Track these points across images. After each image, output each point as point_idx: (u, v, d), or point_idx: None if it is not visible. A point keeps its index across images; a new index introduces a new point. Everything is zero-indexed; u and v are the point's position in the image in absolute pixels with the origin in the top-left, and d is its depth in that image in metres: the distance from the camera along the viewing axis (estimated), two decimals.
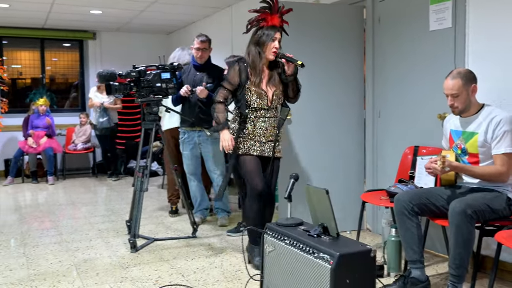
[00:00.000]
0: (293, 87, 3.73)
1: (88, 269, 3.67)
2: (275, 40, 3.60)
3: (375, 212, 4.62)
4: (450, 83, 3.05)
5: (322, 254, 2.46)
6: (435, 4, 3.88)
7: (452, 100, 3.07)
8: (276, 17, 3.67)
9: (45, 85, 9.01)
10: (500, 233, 2.76)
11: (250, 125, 3.66)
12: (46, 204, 6.13)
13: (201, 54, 4.80)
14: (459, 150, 3.16)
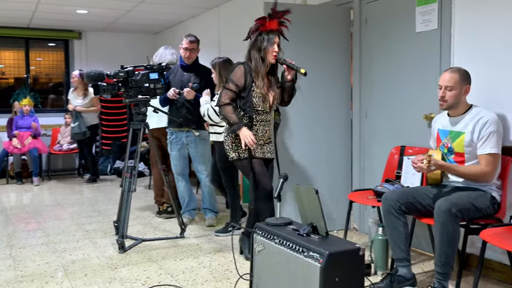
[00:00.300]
0: (289, 91, 3.79)
1: (76, 270, 3.66)
2: (275, 44, 3.64)
3: (361, 211, 4.67)
4: (447, 76, 3.11)
5: (312, 253, 2.48)
6: (421, 6, 3.93)
7: (444, 92, 3.11)
8: (274, 21, 3.71)
9: (29, 85, 8.92)
10: (485, 231, 2.81)
11: (253, 130, 3.69)
12: (32, 205, 6.07)
13: (189, 54, 4.80)
14: (445, 149, 3.21)
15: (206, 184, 4.91)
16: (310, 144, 4.58)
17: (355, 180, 4.69)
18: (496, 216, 3.09)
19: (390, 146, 4.20)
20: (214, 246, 4.23)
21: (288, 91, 3.79)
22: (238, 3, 6.60)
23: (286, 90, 3.79)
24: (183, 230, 4.50)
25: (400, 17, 4.14)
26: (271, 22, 3.70)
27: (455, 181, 3.20)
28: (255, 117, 3.69)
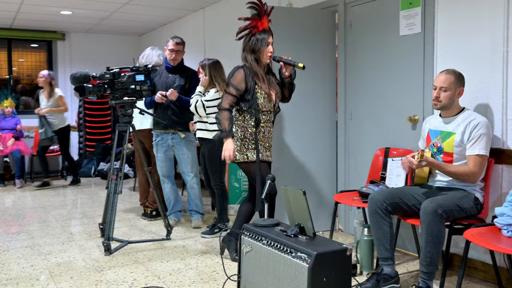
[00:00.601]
0: (289, 87, 3.81)
1: (62, 272, 3.63)
2: (269, 44, 3.65)
3: (346, 212, 4.72)
4: (443, 77, 3.17)
5: (300, 253, 2.51)
6: (405, 10, 3.99)
7: (439, 93, 3.17)
8: (265, 19, 3.70)
9: (11, 86, 8.83)
10: (468, 231, 2.87)
11: (261, 130, 3.67)
12: (15, 208, 6.01)
13: (174, 56, 4.81)
14: (435, 149, 3.26)
15: (193, 186, 4.91)
16: (295, 145, 4.61)
17: (340, 181, 4.74)
18: (479, 217, 3.15)
19: (375, 147, 4.26)
20: (200, 247, 4.24)
21: (288, 87, 3.81)
22: (224, 5, 6.62)
23: (286, 87, 3.81)
24: (169, 232, 4.50)
25: (384, 20, 4.19)
26: (263, 21, 3.69)
27: (440, 181, 3.26)
28: (261, 117, 3.65)
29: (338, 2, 4.65)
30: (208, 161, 4.56)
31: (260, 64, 3.66)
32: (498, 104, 3.32)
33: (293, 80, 3.80)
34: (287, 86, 3.81)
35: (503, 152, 3.28)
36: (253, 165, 3.62)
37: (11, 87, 8.85)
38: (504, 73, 3.27)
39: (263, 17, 3.68)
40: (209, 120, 4.49)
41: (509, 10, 3.22)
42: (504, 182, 3.30)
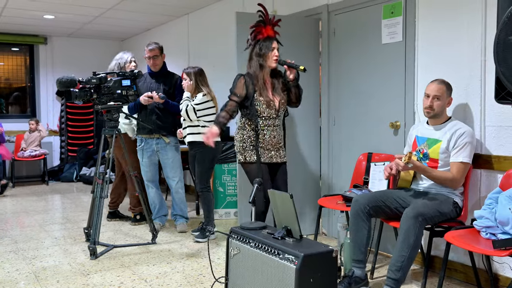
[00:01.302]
0: (295, 91, 3.89)
1: (48, 276, 3.63)
2: (274, 49, 3.79)
3: (330, 216, 4.80)
4: (436, 86, 3.28)
5: (287, 255, 2.57)
6: (387, 19, 4.11)
7: (432, 101, 3.28)
8: (269, 28, 3.87)
9: None
10: (449, 233, 2.97)
11: (261, 134, 3.79)
12: None
13: (153, 61, 4.85)
14: (421, 154, 3.37)
15: (178, 191, 4.94)
16: None
17: (324, 186, 4.82)
18: (459, 219, 3.25)
19: (358, 152, 4.35)
20: (186, 251, 4.28)
21: (294, 91, 3.90)
22: (208, 12, 6.69)
23: (292, 91, 3.90)
24: (155, 236, 4.52)
25: (367, 29, 4.30)
26: (267, 29, 3.84)
27: (423, 185, 3.37)
28: (262, 122, 3.79)
29: (321, 10, 4.75)
30: (197, 164, 4.61)
31: (264, 69, 3.78)
32: (477, 111, 3.44)
33: (297, 83, 3.88)
34: (293, 90, 3.90)
35: (481, 157, 3.40)
36: (250, 166, 3.78)
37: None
38: (482, 81, 3.39)
39: (268, 25, 3.85)
40: (200, 123, 4.55)
41: (487, 21, 3.35)
42: (482, 186, 3.42)
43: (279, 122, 3.89)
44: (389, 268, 3.04)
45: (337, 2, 4.56)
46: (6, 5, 6.51)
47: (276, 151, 3.86)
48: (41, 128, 8.33)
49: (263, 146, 3.80)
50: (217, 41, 6.49)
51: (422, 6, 3.81)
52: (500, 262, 3.32)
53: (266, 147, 3.82)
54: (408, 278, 3.62)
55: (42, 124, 8.68)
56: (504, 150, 3.30)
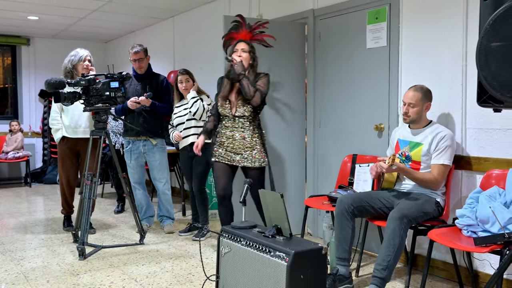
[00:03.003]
0: (241, 89, 3.81)
1: (37, 277, 3.65)
2: (237, 50, 3.88)
3: (315, 216, 4.89)
4: (411, 94, 3.39)
5: (278, 252, 2.65)
6: (371, 24, 4.22)
7: (407, 109, 3.40)
8: (244, 33, 4.01)
9: None
10: (432, 231, 3.08)
11: (220, 134, 3.92)
12: None
13: (138, 64, 4.88)
14: (403, 157, 3.48)
15: (165, 192, 4.98)
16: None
17: (309, 186, 4.92)
18: (441, 218, 3.37)
19: (343, 154, 4.46)
20: (174, 251, 4.32)
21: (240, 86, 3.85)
22: (194, 14, 6.74)
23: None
24: (143, 236, 4.56)
25: (352, 34, 4.41)
26: (240, 34, 3.98)
27: (406, 186, 3.48)
28: (224, 122, 3.93)
29: (307, 14, 4.85)
30: (198, 165, 4.67)
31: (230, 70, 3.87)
32: (458, 114, 3.57)
33: (232, 76, 3.85)
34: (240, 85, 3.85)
35: (462, 159, 3.53)
36: (214, 164, 3.99)
37: None
38: (464, 85, 3.53)
39: (243, 31, 3.97)
40: (199, 124, 4.68)
41: (468, 27, 3.48)
42: (463, 187, 3.55)
43: (244, 124, 3.87)
44: (375, 267, 3.13)
45: (322, 7, 4.67)
46: None
47: (235, 154, 3.88)
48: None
49: (223, 146, 3.92)
50: (203, 43, 6.54)
51: (406, 12, 3.94)
52: (481, 259, 3.44)
53: (226, 148, 3.91)
54: (392, 276, 3.71)
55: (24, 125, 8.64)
56: (484, 151, 3.43)
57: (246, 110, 3.86)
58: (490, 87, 2.21)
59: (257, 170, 3.89)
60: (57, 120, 4.85)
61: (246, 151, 3.87)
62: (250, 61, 3.90)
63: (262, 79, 3.89)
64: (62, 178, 4.88)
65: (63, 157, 4.84)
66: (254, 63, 3.94)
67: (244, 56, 3.86)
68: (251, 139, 3.88)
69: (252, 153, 3.86)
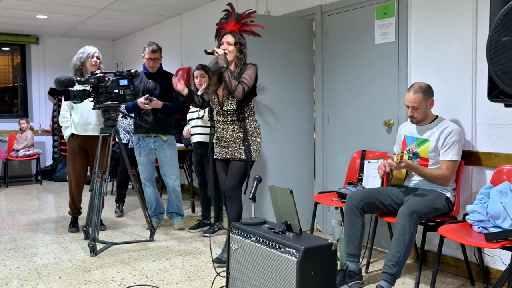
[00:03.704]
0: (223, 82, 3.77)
1: (49, 273, 3.69)
2: (224, 43, 3.82)
3: (324, 213, 4.90)
4: (412, 97, 3.36)
5: (288, 248, 2.65)
6: (380, 19, 4.21)
7: (412, 111, 3.39)
8: (233, 23, 3.89)
9: None
10: (442, 227, 3.08)
11: (216, 128, 3.92)
12: None
13: (153, 63, 4.88)
14: (410, 154, 3.47)
15: (175, 189, 5.00)
16: (274, 148, 4.77)
17: (318, 183, 4.92)
18: (451, 214, 3.36)
19: (352, 150, 4.45)
20: (184, 248, 4.35)
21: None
22: (201, 12, 6.75)
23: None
24: (153, 233, 4.59)
25: (360, 29, 4.40)
26: (229, 25, 3.89)
27: (415, 183, 3.48)
28: (216, 118, 3.92)
29: (315, 10, 4.85)
30: (206, 164, 4.69)
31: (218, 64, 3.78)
32: (468, 109, 3.55)
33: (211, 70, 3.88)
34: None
35: (472, 154, 3.51)
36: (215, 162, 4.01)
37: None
38: (473, 80, 3.51)
39: (232, 21, 3.88)
40: (207, 124, 4.68)
41: (478, 21, 3.46)
42: (474, 182, 3.54)
43: (232, 118, 3.82)
44: (385, 263, 3.12)
45: (330, 3, 4.66)
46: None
47: (227, 148, 3.87)
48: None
49: (217, 142, 3.93)
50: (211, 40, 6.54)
51: (414, 7, 3.92)
52: (491, 255, 3.43)
53: (221, 143, 3.91)
54: (402, 272, 3.71)
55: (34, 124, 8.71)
56: (494, 147, 3.42)
57: (233, 104, 3.79)
58: (500, 81, 2.21)
59: (239, 162, 3.82)
60: (67, 118, 4.87)
61: (235, 144, 3.83)
62: (237, 54, 3.81)
63: (248, 70, 3.78)
64: (71, 176, 4.89)
65: (73, 154, 4.87)
66: (241, 56, 3.83)
67: (230, 49, 3.78)
68: (240, 133, 3.81)
69: (240, 146, 3.81)
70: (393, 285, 3.09)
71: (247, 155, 3.81)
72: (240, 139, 3.82)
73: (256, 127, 3.89)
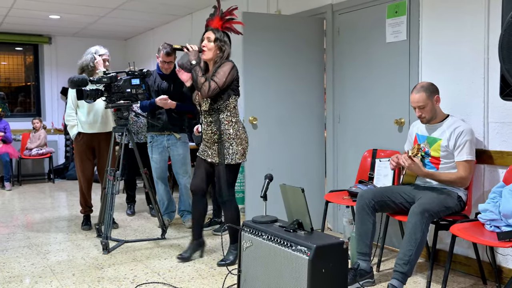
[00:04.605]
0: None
1: (63, 270, 3.73)
2: (205, 39, 3.78)
3: (335, 211, 4.90)
4: (416, 97, 3.36)
5: (300, 246, 2.67)
6: (391, 18, 4.20)
7: (420, 111, 3.38)
8: (216, 20, 3.84)
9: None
10: (454, 226, 3.07)
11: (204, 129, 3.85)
12: (6, 210, 6.05)
13: (167, 66, 4.91)
14: (422, 152, 3.47)
15: (187, 187, 5.03)
16: (285, 147, 4.78)
17: (329, 181, 4.92)
18: (463, 213, 3.36)
19: (363, 149, 4.45)
20: None
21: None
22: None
23: None
24: (164, 231, 4.62)
25: (371, 28, 4.40)
26: (212, 21, 3.85)
27: (427, 181, 3.47)
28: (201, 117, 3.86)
29: (326, 9, 4.85)
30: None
31: (201, 62, 3.74)
32: (480, 108, 3.54)
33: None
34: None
35: (484, 153, 3.50)
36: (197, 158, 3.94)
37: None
38: (485, 78, 3.49)
39: (216, 17, 3.83)
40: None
41: (490, 19, 3.45)
42: (486, 181, 3.52)
43: (210, 118, 3.75)
44: (396, 262, 3.12)
45: (341, 2, 4.66)
46: (13, 5, 6.59)
47: (209, 149, 3.81)
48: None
49: (203, 141, 3.87)
50: None
51: (426, 6, 3.91)
52: (504, 254, 3.42)
53: (204, 143, 3.86)
54: (414, 271, 3.70)
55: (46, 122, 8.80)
56: (507, 145, 3.40)
57: (207, 104, 3.72)
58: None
59: (222, 167, 3.74)
60: (73, 117, 4.90)
61: (215, 146, 3.77)
62: (216, 51, 3.73)
63: (222, 67, 3.65)
64: (80, 174, 4.92)
65: (80, 153, 4.90)
66: (220, 53, 3.73)
67: (209, 46, 3.72)
68: (218, 134, 3.72)
69: (219, 148, 3.73)
70: (404, 283, 3.09)
71: (221, 158, 3.72)
72: (224, 141, 3.72)
73: (235, 130, 3.73)
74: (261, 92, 4.65)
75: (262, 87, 4.65)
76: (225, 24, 3.84)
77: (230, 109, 3.74)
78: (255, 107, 4.62)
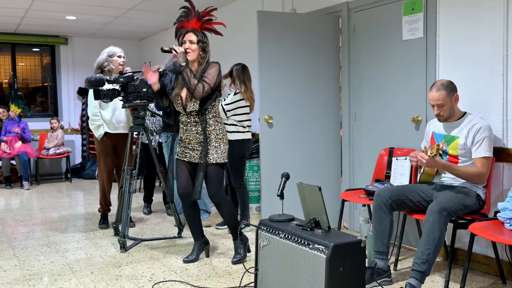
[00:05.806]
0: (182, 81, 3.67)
1: (82, 268, 3.77)
2: (185, 42, 3.74)
3: (351, 210, 4.88)
4: (435, 95, 3.33)
5: (317, 245, 2.67)
6: (407, 15, 4.17)
7: (438, 109, 3.35)
8: (194, 21, 3.79)
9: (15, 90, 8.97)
10: (473, 225, 3.04)
11: (180, 130, 3.84)
12: (25, 209, 6.14)
13: None
14: (440, 151, 3.44)
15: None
16: (301, 145, 4.78)
17: (345, 180, 4.91)
18: (482, 212, 3.32)
19: (379, 147, 4.43)
20: (212, 244, 4.38)
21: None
22: (226, 10, 6.78)
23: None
24: (181, 230, 4.65)
25: (387, 25, 4.37)
26: (190, 23, 3.79)
27: (445, 180, 3.44)
28: (181, 119, 3.81)
29: (341, 7, 4.83)
30: (229, 161, 4.72)
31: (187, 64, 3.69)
32: (499, 105, 3.50)
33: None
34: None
35: (503, 151, 3.46)
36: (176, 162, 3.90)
37: (14, 91, 8.97)
38: (504, 75, 3.45)
39: (192, 19, 3.78)
40: (228, 121, 4.70)
41: (509, 16, 3.41)
42: (505, 179, 3.48)
43: (196, 119, 3.73)
44: (414, 260, 3.10)
45: (356, 0, 4.63)
46: (30, 7, 6.67)
47: (192, 150, 3.78)
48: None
49: (182, 142, 3.83)
50: (236, 39, 6.58)
51: (443, 3, 3.87)
52: None
53: (184, 144, 3.82)
54: (432, 270, 3.67)
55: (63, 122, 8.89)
56: None
57: (196, 105, 3.69)
58: None
59: (213, 167, 3.74)
60: (98, 116, 4.94)
61: (200, 148, 3.75)
62: (200, 52, 3.73)
63: (210, 69, 3.69)
64: (104, 173, 4.97)
65: (105, 153, 4.94)
66: (204, 54, 3.75)
67: (193, 48, 3.70)
68: (205, 134, 3.73)
69: (206, 149, 3.73)
70: (422, 282, 3.07)
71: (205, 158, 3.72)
72: (210, 142, 3.73)
73: (222, 130, 3.78)
74: (276, 91, 4.65)
75: (277, 86, 4.65)
76: (204, 25, 3.81)
77: (216, 109, 3.81)
78: (270, 106, 4.63)
